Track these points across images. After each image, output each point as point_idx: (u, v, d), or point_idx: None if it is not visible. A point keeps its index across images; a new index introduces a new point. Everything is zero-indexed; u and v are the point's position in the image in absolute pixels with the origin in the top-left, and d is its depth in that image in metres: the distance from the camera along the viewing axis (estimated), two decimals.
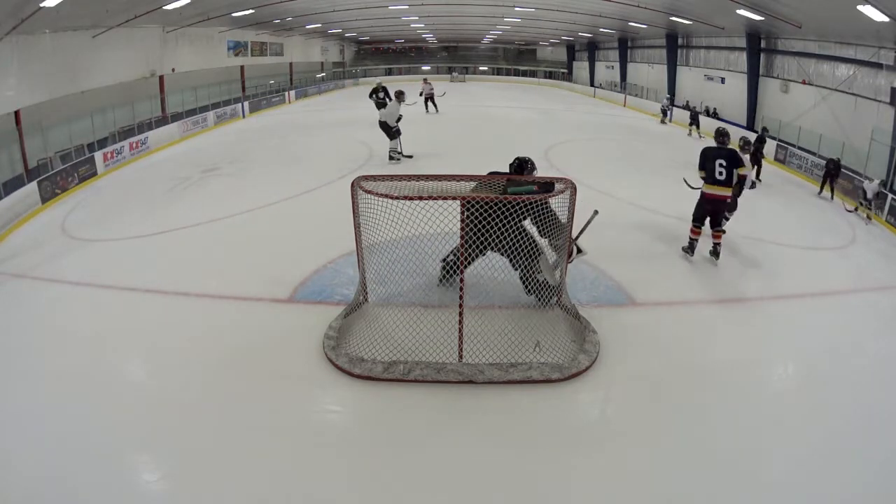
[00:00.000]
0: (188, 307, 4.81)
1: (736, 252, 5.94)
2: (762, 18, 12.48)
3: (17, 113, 10.13)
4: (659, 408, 3.59)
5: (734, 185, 5.50)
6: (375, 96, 13.01)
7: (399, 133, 9.90)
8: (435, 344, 3.87)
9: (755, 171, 9.28)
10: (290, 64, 24.66)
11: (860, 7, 8.96)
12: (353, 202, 4.10)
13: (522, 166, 4.79)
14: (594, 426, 3.56)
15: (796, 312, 5.01)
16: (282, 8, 16.08)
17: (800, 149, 11.74)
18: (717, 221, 5.66)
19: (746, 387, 3.83)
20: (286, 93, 21.81)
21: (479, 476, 3.01)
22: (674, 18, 16.32)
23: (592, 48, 28.45)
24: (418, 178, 4.14)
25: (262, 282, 5.10)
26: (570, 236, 4.31)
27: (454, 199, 3.67)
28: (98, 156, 10.44)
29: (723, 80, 17.68)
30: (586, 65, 29.43)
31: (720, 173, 5.44)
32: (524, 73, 33.92)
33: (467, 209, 3.71)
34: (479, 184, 4.19)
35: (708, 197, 5.59)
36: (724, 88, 17.54)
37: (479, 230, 3.91)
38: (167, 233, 6.65)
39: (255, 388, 3.69)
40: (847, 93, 11.94)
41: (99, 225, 7.25)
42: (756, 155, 9.32)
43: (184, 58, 16.07)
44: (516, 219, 4.03)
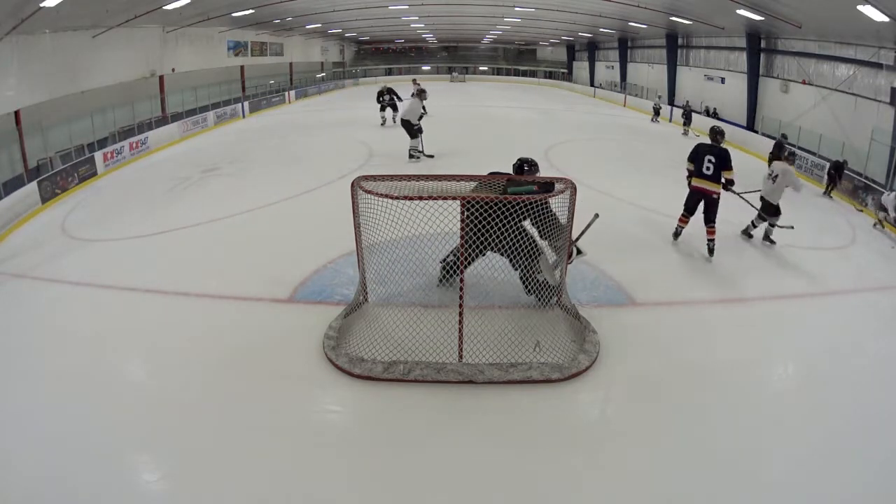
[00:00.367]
0: (188, 307, 4.81)
1: (736, 252, 5.94)
2: (762, 18, 12.49)
3: (17, 113, 10.14)
4: (659, 408, 3.58)
5: (722, 186, 5.70)
6: (382, 99, 12.95)
7: (421, 131, 9.87)
8: (435, 344, 3.87)
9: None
10: (290, 64, 24.68)
11: (860, 7, 8.97)
12: (353, 202, 4.10)
13: (522, 167, 4.81)
14: (594, 426, 3.56)
15: (796, 312, 5.01)
16: (282, 8, 16.09)
17: (800, 149, 11.73)
18: (710, 218, 5.78)
19: (746, 387, 3.83)
20: (286, 93, 21.83)
21: (479, 476, 3.00)
22: (674, 18, 16.34)
23: (592, 48, 28.46)
24: (418, 178, 4.14)
25: (262, 282, 5.10)
26: (570, 237, 4.31)
27: (454, 199, 3.67)
28: (98, 156, 10.45)
29: (723, 80, 17.69)
30: (586, 65, 29.45)
31: (707, 168, 5.69)
32: (524, 73, 33.95)
33: (467, 209, 3.71)
34: (479, 184, 4.19)
35: (693, 189, 5.86)
36: (724, 88, 17.55)
37: (479, 230, 3.92)
38: (167, 233, 6.65)
39: (255, 388, 3.69)
40: (847, 93, 11.94)
41: (99, 225, 7.25)
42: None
43: (184, 58, 16.08)
44: (516, 219, 4.03)
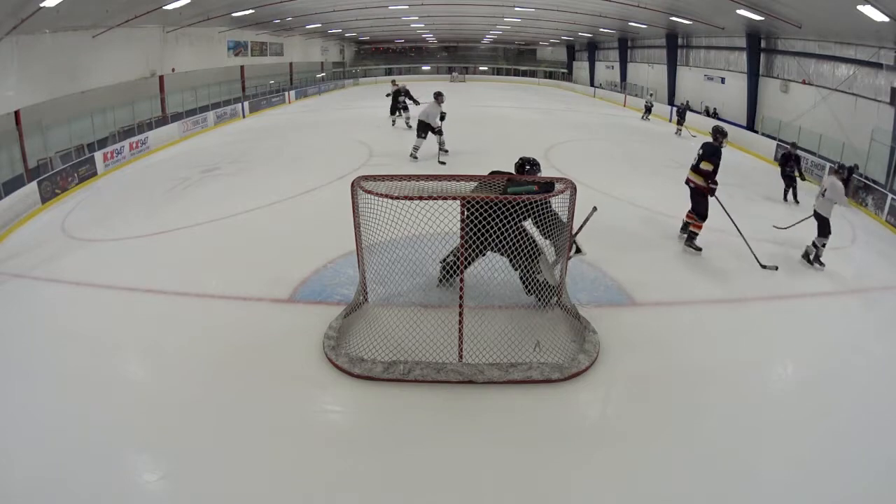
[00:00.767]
0: (188, 307, 4.81)
1: (736, 252, 5.94)
2: (762, 18, 12.48)
3: (17, 113, 10.13)
4: (658, 408, 3.59)
5: (699, 176, 6.04)
6: (398, 102, 12.83)
7: (440, 133, 10.03)
8: (435, 344, 3.87)
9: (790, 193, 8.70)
10: (290, 64, 24.65)
11: (860, 7, 8.97)
12: (353, 202, 4.11)
13: (523, 166, 4.81)
14: (594, 426, 3.55)
15: (796, 312, 5.01)
16: (282, 8, 16.08)
17: (800, 149, 11.70)
18: (692, 207, 6.14)
19: (746, 387, 3.83)
20: (286, 93, 21.81)
21: (479, 476, 3.01)
22: (674, 18, 16.33)
23: (592, 48, 28.44)
24: (418, 178, 4.14)
25: (262, 282, 5.10)
26: (570, 235, 4.31)
27: (454, 199, 3.67)
28: (98, 156, 10.45)
29: (723, 80, 17.67)
30: (586, 65, 29.43)
31: (695, 160, 6.14)
32: (524, 73, 33.91)
33: (467, 209, 3.71)
34: (479, 184, 4.20)
35: (686, 179, 6.30)
36: (725, 88, 17.53)
37: (480, 230, 3.92)
38: (167, 233, 6.65)
39: (255, 388, 3.69)
40: (847, 93, 11.93)
41: (99, 225, 7.24)
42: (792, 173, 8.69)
43: (184, 58, 16.06)
44: (516, 219, 4.03)
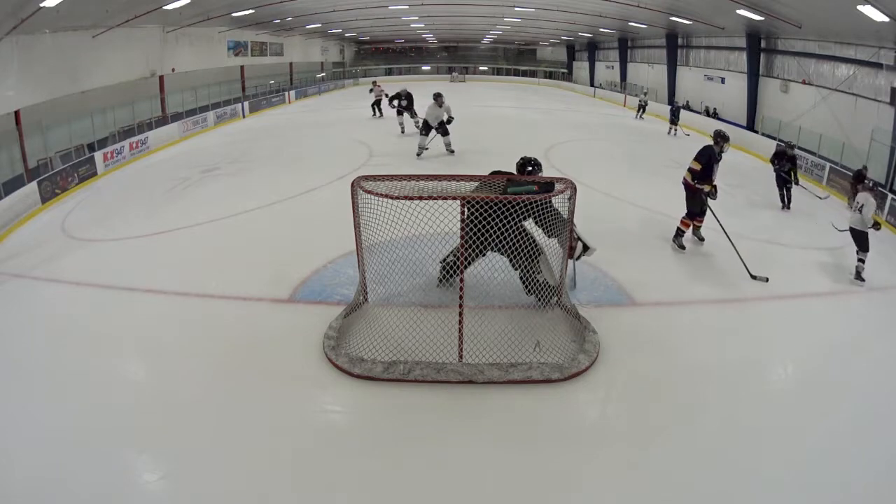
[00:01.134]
0: (188, 307, 4.81)
1: (735, 253, 5.92)
2: (762, 18, 12.48)
3: (17, 113, 10.13)
4: (658, 408, 3.58)
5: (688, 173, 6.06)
6: (398, 103, 12.86)
7: (447, 133, 10.31)
8: (435, 344, 3.87)
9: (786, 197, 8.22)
10: (290, 64, 24.65)
11: (860, 7, 8.96)
12: (353, 202, 4.11)
13: (524, 166, 4.81)
14: (594, 426, 3.55)
15: (796, 312, 5.00)
16: (282, 8, 16.09)
17: (800, 149, 11.72)
18: (686, 204, 6.13)
19: (746, 387, 3.83)
20: (286, 93, 21.81)
21: (479, 476, 3.00)
22: (674, 18, 16.33)
23: (592, 48, 28.44)
24: (418, 178, 4.14)
25: (262, 282, 5.10)
26: (571, 236, 4.31)
27: (454, 199, 3.67)
28: (98, 156, 10.45)
29: (723, 80, 17.67)
30: (586, 65, 29.42)
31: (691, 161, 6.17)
32: (524, 73, 33.90)
33: (467, 209, 3.71)
34: (480, 183, 4.19)
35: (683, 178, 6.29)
36: (725, 88, 17.53)
37: (480, 230, 3.91)
38: (167, 233, 6.65)
39: (255, 387, 3.69)
40: (847, 93, 11.93)
41: (99, 225, 7.25)
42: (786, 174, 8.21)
43: (184, 58, 16.07)
44: (516, 219, 4.03)
